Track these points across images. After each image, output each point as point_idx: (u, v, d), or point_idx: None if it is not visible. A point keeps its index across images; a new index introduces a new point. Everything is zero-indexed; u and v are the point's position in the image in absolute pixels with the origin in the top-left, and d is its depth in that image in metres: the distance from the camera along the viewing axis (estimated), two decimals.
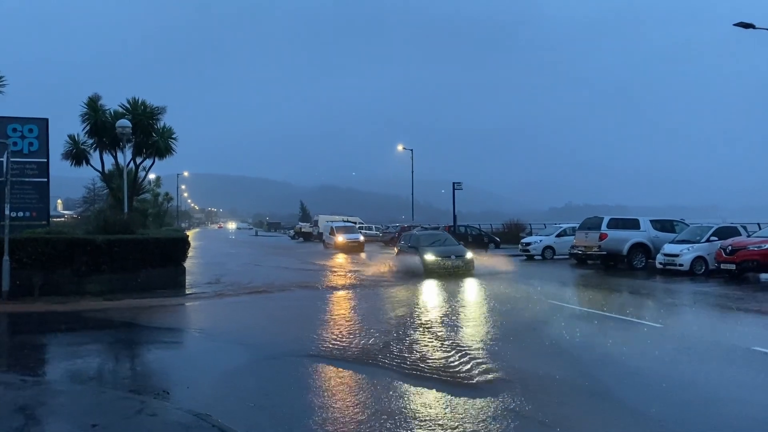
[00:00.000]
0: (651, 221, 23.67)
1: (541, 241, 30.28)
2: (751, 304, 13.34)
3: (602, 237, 22.75)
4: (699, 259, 20.08)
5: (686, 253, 20.24)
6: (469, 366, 7.57)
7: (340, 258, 31.39)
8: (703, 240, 20.52)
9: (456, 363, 7.76)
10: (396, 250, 24.99)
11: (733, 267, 18.38)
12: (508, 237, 43.13)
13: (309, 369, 7.66)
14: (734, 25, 24.45)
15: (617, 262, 23.53)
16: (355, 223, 58.39)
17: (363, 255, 33.40)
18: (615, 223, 23.40)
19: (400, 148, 55.34)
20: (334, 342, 9.19)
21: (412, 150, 53.11)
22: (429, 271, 20.01)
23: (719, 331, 10.64)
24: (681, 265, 20.10)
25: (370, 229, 56.25)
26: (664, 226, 23.67)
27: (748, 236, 20.30)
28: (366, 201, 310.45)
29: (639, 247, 22.78)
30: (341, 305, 14.13)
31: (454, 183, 38.65)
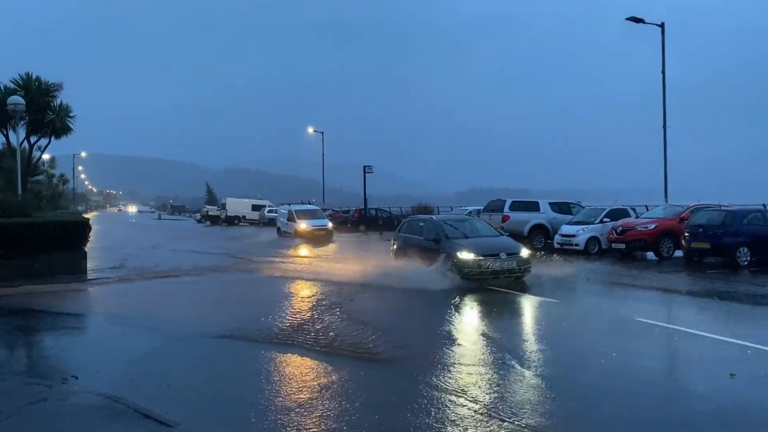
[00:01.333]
0: (550, 204, 25.00)
1: None
2: (637, 281, 14.50)
3: (504, 219, 23.78)
4: (593, 239, 21.48)
5: (581, 234, 21.58)
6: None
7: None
8: (596, 221, 21.95)
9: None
10: (394, 246, 16.98)
11: (623, 246, 19.82)
12: None
13: (222, 350, 7.71)
14: (626, 19, 26.16)
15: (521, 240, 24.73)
16: (265, 205, 57.63)
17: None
18: (517, 206, 24.51)
19: (310, 130, 55.08)
20: (249, 323, 9.24)
21: (322, 133, 53.01)
22: (466, 278, 13.10)
23: (610, 305, 11.56)
24: (577, 244, 21.42)
25: None
26: (561, 208, 25.04)
27: (637, 217, 21.96)
28: (277, 184, 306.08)
29: (539, 228, 24.03)
30: (260, 289, 14.10)
31: (365, 166, 39.02)
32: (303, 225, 30.80)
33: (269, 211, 55.14)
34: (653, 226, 19.64)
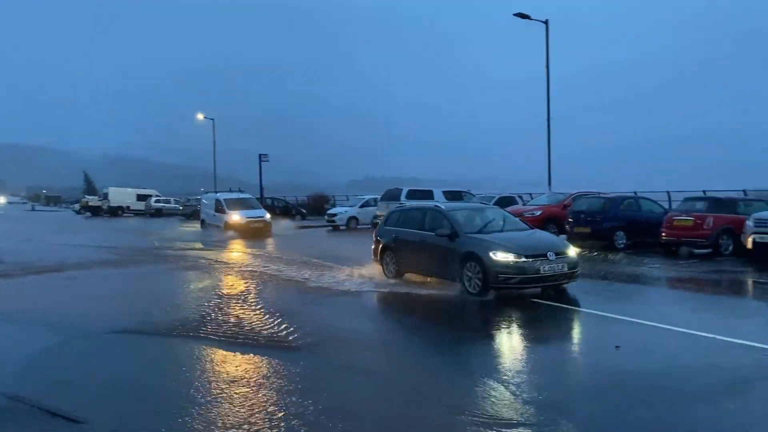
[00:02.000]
0: (443, 192, 25.87)
1: (345, 211, 31.46)
2: None
3: None
4: None
5: None
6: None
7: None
8: None
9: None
10: (378, 246, 12.86)
11: None
12: (313, 208, 44.02)
13: (127, 345, 7.45)
14: (514, 15, 27.41)
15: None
16: (152, 195, 55.13)
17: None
18: (413, 194, 25.16)
19: (200, 117, 53.22)
20: (147, 317, 8.94)
21: (213, 120, 51.44)
22: (500, 287, 9.97)
23: None
24: None
25: (168, 202, 53.49)
26: (454, 196, 25.97)
27: (524, 205, 23.24)
28: (162, 172, 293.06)
29: None
30: (152, 281, 13.59)
31: (260, 155, 38.43)
32: (236, 216, 26.65)
33: (156, 201, 52.87)
34: (539, 212, 20.84)
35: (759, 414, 4.99)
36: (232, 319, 8.60)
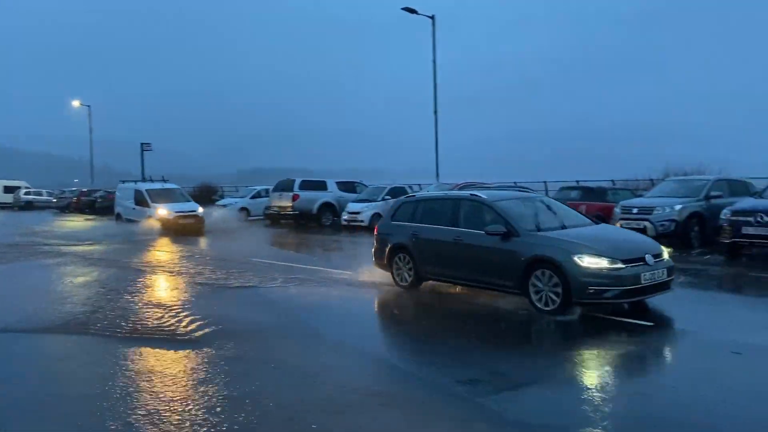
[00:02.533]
0: (336, 183, 26.03)
1: (236, 203, 30.82)
2: None
3: (295, 198, 24.25)
4: (376, 216, 22.82)
5: (366, 211, 22.86)
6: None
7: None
8: (379, 199, 23.39)
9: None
10: (383, 247, 10.46)
11: None
12: (200, 199, 42.56)
13: (8, 344, 6.99)
14: (402, 9, 27.93)
15: (308, 221, 25.36)
16: (21, 187, 51.04)
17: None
18: (306, 185, 25.11)
19: (75, 104, 49.93)
20: (37, 314, 8.40)
21: (89, 106, 48.50)
22: (590, 302, 7.76)
23: None
24: (362, 221, 22.64)
25: (40, 194, 49.75)
26: (347, 186, 26.21)
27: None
28: (29, 162, 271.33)
29: (327, 206, 24.94)
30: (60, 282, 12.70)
31: (142, 144, 36.70)
32: (162, 210, 22.78)
33: (26, 193, 49.05)
34: None
35: (638, 378, 5.51)
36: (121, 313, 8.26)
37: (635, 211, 15.35)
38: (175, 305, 8.86)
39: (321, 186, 25.48)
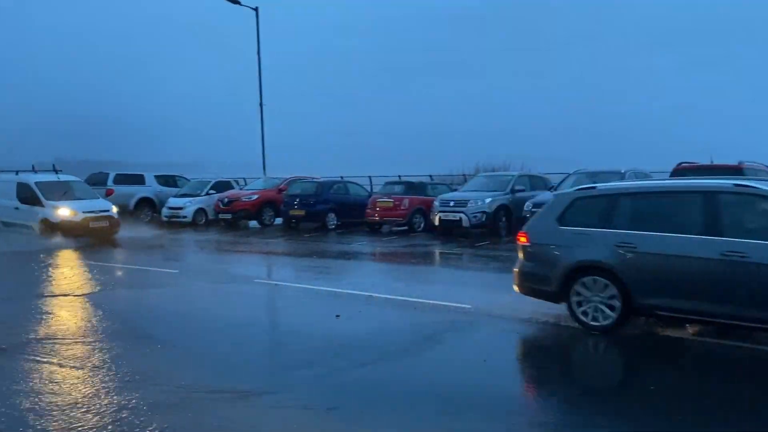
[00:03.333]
0: (155, 176, 24.61)
1: None
2: (246, 247, 15.72)
3: (109, 192, 22.46)
4: (200, 211, 22.06)
5: (189, 206, 21.94)
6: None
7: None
8: (203, 193, 22.59)
9: None
10: (544, 264, 7.17)
11: (229, 216, 20.98)
12: None
13: None
14: (225, 0, 27.14)
15: (125, 216, 23.74)
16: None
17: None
18: (121, 179, 23.42)
19: None
20: None
21: None
22: None
23: (226, 270, 12.32)
24: (185, 216, 21.71)
25: None
26: (167, 180, 24.89)
27: (240, 189, 23.44)
28: None
29: (145, 202, 23.49)
30: None
31: None
32: (65, 210, 16.82)
33: None
34: (256, 197, 21.27)
35: (450, 357, 6.05)
36: None
37: (452, 204, 16.53)
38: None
39: (138, 180, 23.92)
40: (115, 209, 18.07)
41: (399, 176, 23.12)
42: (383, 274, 11.84)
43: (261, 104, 28.60)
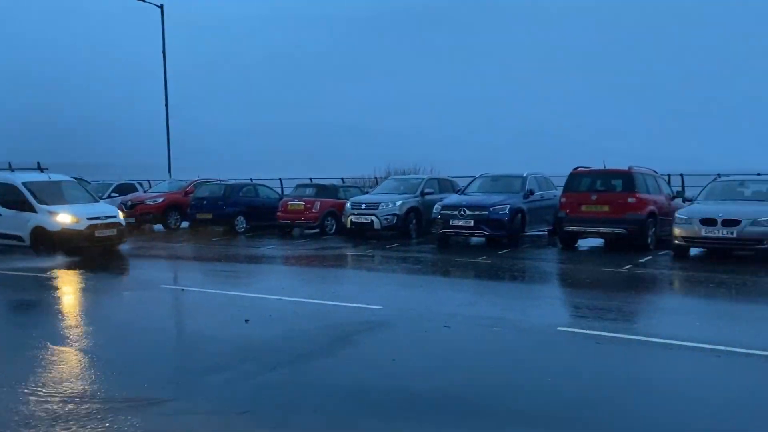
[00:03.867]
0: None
1: None
2: (151, 251, 15.20)
3: None
4: None
5: None
6: None
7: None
8: (105, 196, 21.57)
9: None
10: None
11: (133, 220, 20.14)
12: None
13: None
14: None
15: None
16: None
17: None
18: None
19: None
20: None
21: None
22: None
23: (131, 275, 11.88)
24: None
25: None
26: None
27: (144, 192, 22.60)
28: None
29: None
30: None
31: None
32: (65, 217, 13.86)
33: None
34: (161, 200, 20.59)
35: (362, 357, 6.14)
36: None
37: (363, 206, 16.71)
38: None
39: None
40: (121, 215, 15.21)
41: (310, 179, 23.06)
42: (294, 278, 11.79)
43: (166, 104, 27.71)
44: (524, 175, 15.75)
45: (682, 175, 21.02)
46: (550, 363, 5.87)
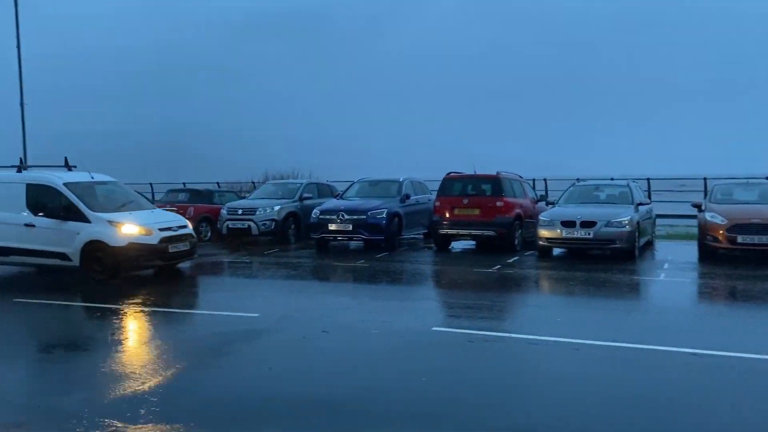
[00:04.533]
0: None
1: None
2: None
3: None
4: None
5: None
6: None
7: None
8: None
9: None
10: None
11: None
12: None
13: None
14: None
15: None
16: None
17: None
18: None
19: None
20: None
21: None
22: None
23: None
24: None
25: None
26: None
27: None
28: None
29: None
30: None
31: None
32: (131, 228, 10.85)
33: None
34: None
35: (237, 368, 5.99)
36: None
37: (240, 212, 16.34)
38: None
39: None
40: (190, 226, 12.17)
41: (183, 183, 22.22)
42: (164, 287, 11.22)
43: (22, 103, 25.49)
44: (401, 180, 16.13)
45: (545, 179, 22.50)
46: (424, 363, 6.04)
